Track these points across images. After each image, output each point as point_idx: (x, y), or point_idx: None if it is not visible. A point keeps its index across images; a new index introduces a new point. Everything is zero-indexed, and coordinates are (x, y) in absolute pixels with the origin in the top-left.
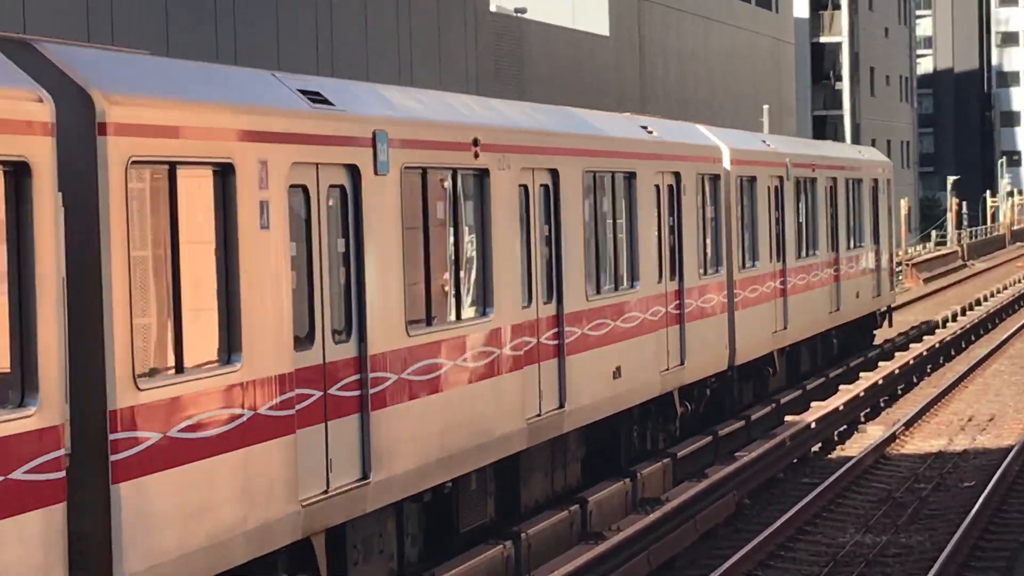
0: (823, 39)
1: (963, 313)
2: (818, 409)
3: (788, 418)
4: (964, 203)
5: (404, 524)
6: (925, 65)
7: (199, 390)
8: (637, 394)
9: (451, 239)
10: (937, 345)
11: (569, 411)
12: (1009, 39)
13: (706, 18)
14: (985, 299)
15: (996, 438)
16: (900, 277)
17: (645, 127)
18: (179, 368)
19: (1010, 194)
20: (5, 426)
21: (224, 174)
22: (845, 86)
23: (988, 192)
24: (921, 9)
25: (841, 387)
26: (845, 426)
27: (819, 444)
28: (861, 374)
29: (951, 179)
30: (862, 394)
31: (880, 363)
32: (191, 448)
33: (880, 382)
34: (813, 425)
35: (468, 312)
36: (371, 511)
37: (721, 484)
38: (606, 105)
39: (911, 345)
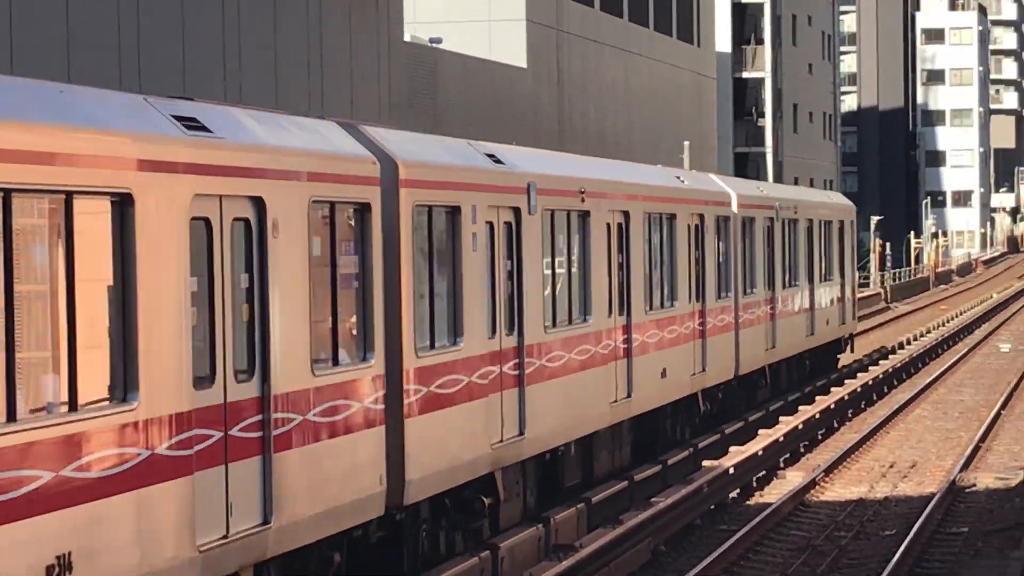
0: (746, 74)
1: (885, 357)
2: (736, 454)
3: (706, 463)
4: (888, 244)
5: (527, 476)
6: (849, 102)
7: (442, 360)
8: (676, 391)
9: (566, 262)
10: (859, 389)
11: (634, 399)
12: (935, 77)
13: (626, 51)
14: (908, 343)
15: (918, 485)
16: None
17: (678, 177)
18: (432, 344)
19: (934, 235)
20: (358, 371)
21: (454, 214)
22: (767, 123)
23: (912, 233)
24: (845, 45)
25: (761, 431)
26: (764, 472)
27: (737, 490)
28: (781, 418)
29: (875, 219)
30: (782, 439)
31: (800, 407)
32: (440, 400)
33: (800, 427)
34: (731, 470)
35: (576, 318)
36: (527, 457)
37: (636, 531)
38: (523, 138)
39: (832, 389)
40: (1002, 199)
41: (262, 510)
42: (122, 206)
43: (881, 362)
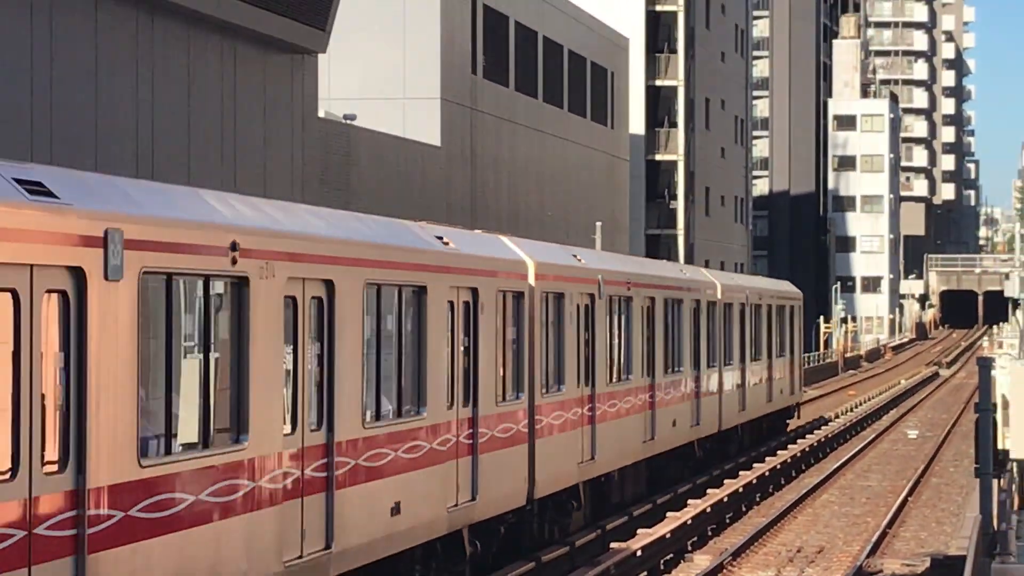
0: (659, 157)
1: (794, 441)
2: (644, 536)
3: (614, 545)
4: None
5: (582, 494)
6: (761, 186)
7: (554, 400)
8: (682, 439)
9: (615, 333)
10: (767, 473)
11: (657, 440)
12: (846, 163)
13: (540, 131)
14: (817, 427)
15: (824, 571)
16: None
17: (681, 269)
18: (548, 387)
19: (843, 320)
20: (517, 404)
21: (560, 298)
22: (680, 205)
23: (821, 318)
24: (758, 130)
25: (669, 514)
26: (672, 554)
27: (645, 573)
28: (689, 501)
29: None
30: (690, 522)
31: (709, 490)
32: (555, 427)
33: (708, 510)
34: (639, 552)
35: (624, 376)
36: (594, 476)
37: None
38: (436, 215)
39: (740, 472)
40: (911, 286)
41: (472, 489)
42: (419, 294)
43: (790, 446)
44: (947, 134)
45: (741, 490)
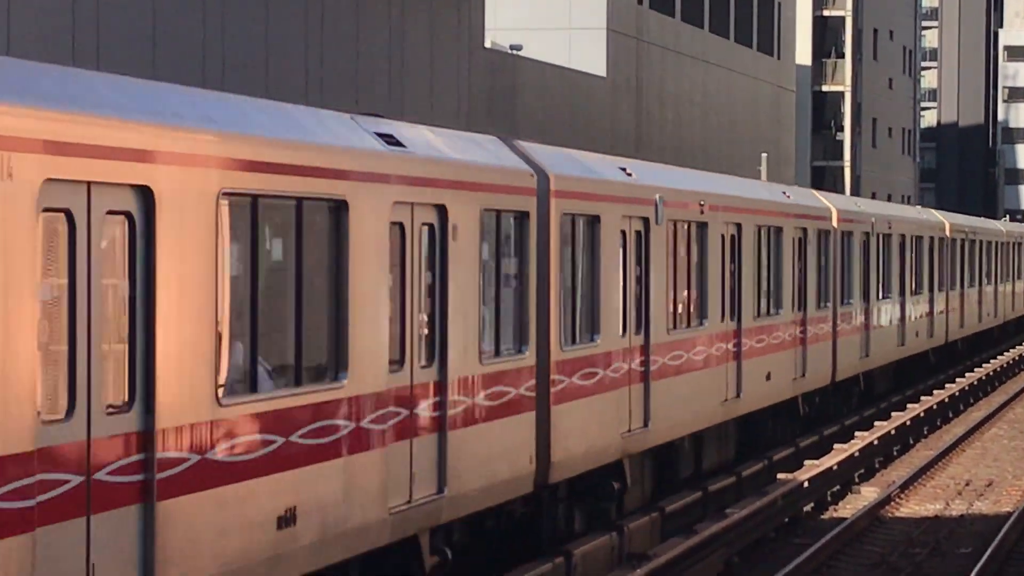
0: (825, 88)
1: (961, 375)
2: (811, 468)
3: (780, 475)
4: None
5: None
6: (929, 118)
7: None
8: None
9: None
10: (934, 407)
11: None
12: (1016, 94)
13: (705, 62)
14: (985, 361)
15: (994, 504)
16: None
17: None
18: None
19: None
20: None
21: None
22: (846, 136)
23: None
24: (927, 61)
25: (836, 446)
26: (839, 486)
27: (811, 504)
28: (856, 433)
29: None
30: (857, 454)
31: (876, 423)
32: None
33: (875, 442)
34: (806, 484)
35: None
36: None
37: (710, 541)
38: (600, 147)
39: (908, 405)
40: None
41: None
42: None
43: (958, 380)
44: None
45: (908, 423)
